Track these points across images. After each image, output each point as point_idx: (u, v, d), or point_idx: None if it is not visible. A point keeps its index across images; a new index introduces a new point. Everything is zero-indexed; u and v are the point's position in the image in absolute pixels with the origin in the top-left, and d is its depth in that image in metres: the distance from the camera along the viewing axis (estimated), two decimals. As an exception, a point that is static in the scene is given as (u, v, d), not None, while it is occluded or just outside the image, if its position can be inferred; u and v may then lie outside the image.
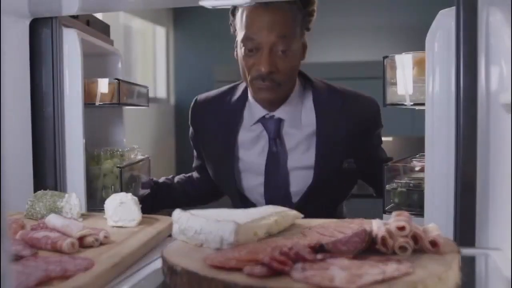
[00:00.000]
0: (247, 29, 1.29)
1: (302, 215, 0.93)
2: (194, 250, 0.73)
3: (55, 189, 1.26)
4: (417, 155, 1.33)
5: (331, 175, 1.40)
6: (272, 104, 1.41)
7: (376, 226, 0.73)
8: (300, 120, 1.42)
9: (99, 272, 0.70)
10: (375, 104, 1.48)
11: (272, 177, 1.42)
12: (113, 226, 0.96)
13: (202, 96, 1.59)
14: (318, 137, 1.39)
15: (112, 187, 1.37)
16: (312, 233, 0.83)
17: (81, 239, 0.82)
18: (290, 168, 1.41)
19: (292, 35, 1.30)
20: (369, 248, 0.71)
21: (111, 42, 1.61)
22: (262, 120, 1.43)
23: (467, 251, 0.91)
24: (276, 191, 1.42)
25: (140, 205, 1.00)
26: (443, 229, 0.97)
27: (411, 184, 1.17)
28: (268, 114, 1.43)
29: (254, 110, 1.44)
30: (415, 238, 0.70)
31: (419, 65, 1.11)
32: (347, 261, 0.64)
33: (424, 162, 1.07)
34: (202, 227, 0.74)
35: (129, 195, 0.98)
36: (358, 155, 1.44)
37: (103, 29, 1.59)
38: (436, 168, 1.03)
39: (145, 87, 1.61)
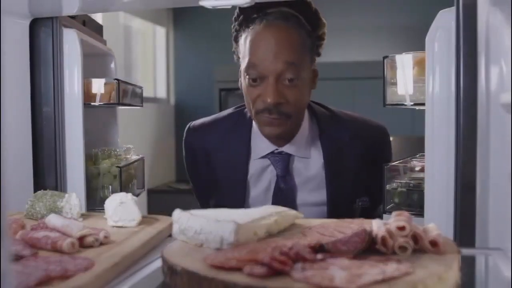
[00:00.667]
0: (250, 55, 1.17)
1: (302, 215, 0.93)
2: (194, 250, 0.73)
3: (55, 189, 1.26)
4: (417, 155, 1.32)
5: (344, 211, 1.28)
6: (280, 139, 1.28)
7: (376, 226, 0.73)
8: (310, 155, 1.31)
9: (99, 272, 0.69)
10: (384, 134, 1.38)
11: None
12: (113, 226, 0.96)
13: (196, 122, 1.46)
14: (327, 173, 1.29)
15: (110, 186, 1.38)
16: (312, 233, 0.83)
17: (81, 239, 0.81)
18: (300, 205, 1.30)
19: (301, 62, 1.18)
20: (369, 248, 0.70)
21: (104, 42, 1.62)
22: (270, 155, 1.31)
23: (467, 251, 0.91)
24: None
25: None
26: (443, 229, 0.97)
27: (411, 184, 1.17)
28: (277, 149, 1.30)
29: (260, 144, 1.31)
30: (415, 238, 0.70)
31: (419, 65, 1.11)
32: (347, 261, 0.64)
33: (424, 162, 1.07)
34: (202, 227, 0.74)
35: (129, 195, 0.98)
36: (372, 191, 1.31)
37: (97, 29, 1.59)
38: (436, 168, 1.03)
39: (140, 87, 1.60)
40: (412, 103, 1.13)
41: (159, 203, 4.26)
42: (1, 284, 0.40)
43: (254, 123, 1.31)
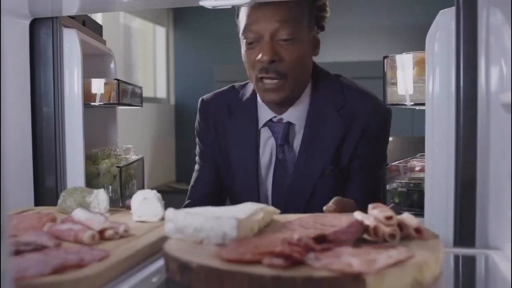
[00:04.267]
0: (247, 19, 1.20)
1: (279, 211, 0.94)
2: (194, 247, 0.73)
3: (56, 189, 1.26)
4: (417, 155, 1.32)
5: (310, 180, 1.29)
6: (280, 105, 1.27)
7: (361, 217, 0.77)
8: None
9: (112, 263, 0.71)
10: (380, 113, 1.32)
11: (280, 186, 1.31)
12: (137, 221, 1.00)
13: (208, 95, 1.46)
14: (303, 139, 1.26)
15: (110, 186, 1.38)
16: (295, 227, 0.85)
17: (102, 232, 0.85)
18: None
19: (298, 23, 1.18)
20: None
21: (104, 42, 1.62)
22: (269, 124, 1.31)
23: (467, 251, 0.91)
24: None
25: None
26: (443, 229, 0.98)
27: (411, 184, 1.17)
28: (275, 117, 1.30)
29: (261, 113, 1.32)
30: (400, 226, 0.76)
31: (419, 65, 1.11)
32: (351, 249, 0.67)
33: (424, 162, 1.08)
34: (202, 224, 0.75)
35: (153, 191, 1.01)
36: (342, 163, 1.29)
37: (97, 29, 1.59)
38: (436, 168, 1.03)
39: (139, 87, 1.60)
40: (412, 103, 1.13)
41: (159, 203, 4.26)
42: (1, 281, 0.41)
43: (257, 94, 1.31)
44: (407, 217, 0.77)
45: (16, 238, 0.78)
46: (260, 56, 1.15)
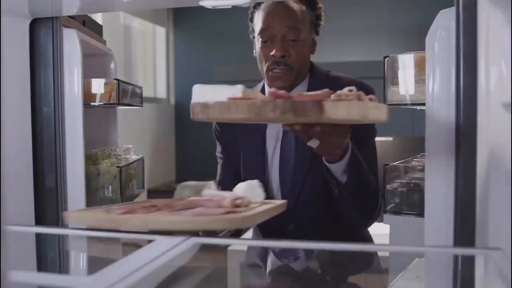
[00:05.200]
0: (263, 22, 1.49)
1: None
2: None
3: (56, 189, 1.26)
4: (418, 155, 1.33)
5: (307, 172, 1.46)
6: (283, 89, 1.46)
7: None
8: None
9: (255, 212, 1.03)
10: (368, 91, 1.38)
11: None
12: None
13: None
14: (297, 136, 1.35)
15: (110, 186, 1.38)
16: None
17: (233, 201, 1.07)
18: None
19: (301, 27, 1.48)
20: None
21: (104, 42, 1.62)
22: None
23: (467, 251, 0.91)
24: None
25: None
26: (443, 228, 0.98)
27: (411, 184, 1.18)
28: None
29: None
30: (359, 98, 0.96)
31: (420, 65, 1.11)
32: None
33: (417, 162, 1.08)
34: (214, 91, 1.06)
35: (255, 181, 1.27)
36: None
37: (97, 29, 1.59)
38: (436, 168, 1.03)
39: (139, 87, 1.60)
40: (412, 103, 1.13)
41: (159, 203, 4.25)
42: (1, 281, 0.41)
43: (265, 88, 1.55)
44: (362, 93, 1.00)
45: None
46: (274, 52, 1.46)
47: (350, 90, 1.00)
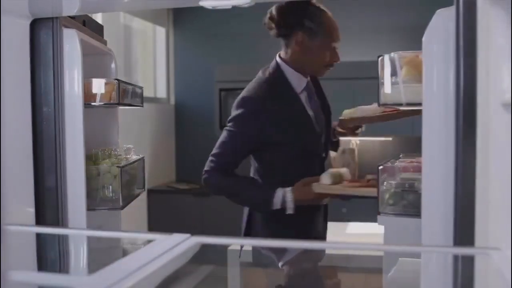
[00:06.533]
0: (335, 32, 1.87)
1: None
2: None
3: (56, 189, 1.26)
4: (400, 156, 1.33)
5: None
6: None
7: None
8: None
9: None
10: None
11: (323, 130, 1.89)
12: None
13: (249, 92, 1.82)
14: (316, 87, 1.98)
15: (110, 186, 1.38)
16: None
17: None
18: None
19: None
20: None
21: (105, 42, 1.62)
22: (307, 87, 1.86)
23: (466, 251, 0.91)
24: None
25: None
26: (442, 229, 0.98)
27: (406, 185, 1.17)
28: (308, 80, 1.88)
29: (298, 82, 1.84)
30: None
31: (412, 64, 1.11)
32: None
33: (407, 163, 1.08)
34: None
35: (344, 168, 1.78)
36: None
37: (97, 29, 1.59)
38: (435, 169, 1.03)
39: (140, 87, 1.60)
40: (406, 103, 1.13)
41: (159, 203, 4.26)
42: (1, 281, 0.41)
43: (285, 69, 1.83)
44: None
45: None
46: (335, 59, 1.86)
47: None
